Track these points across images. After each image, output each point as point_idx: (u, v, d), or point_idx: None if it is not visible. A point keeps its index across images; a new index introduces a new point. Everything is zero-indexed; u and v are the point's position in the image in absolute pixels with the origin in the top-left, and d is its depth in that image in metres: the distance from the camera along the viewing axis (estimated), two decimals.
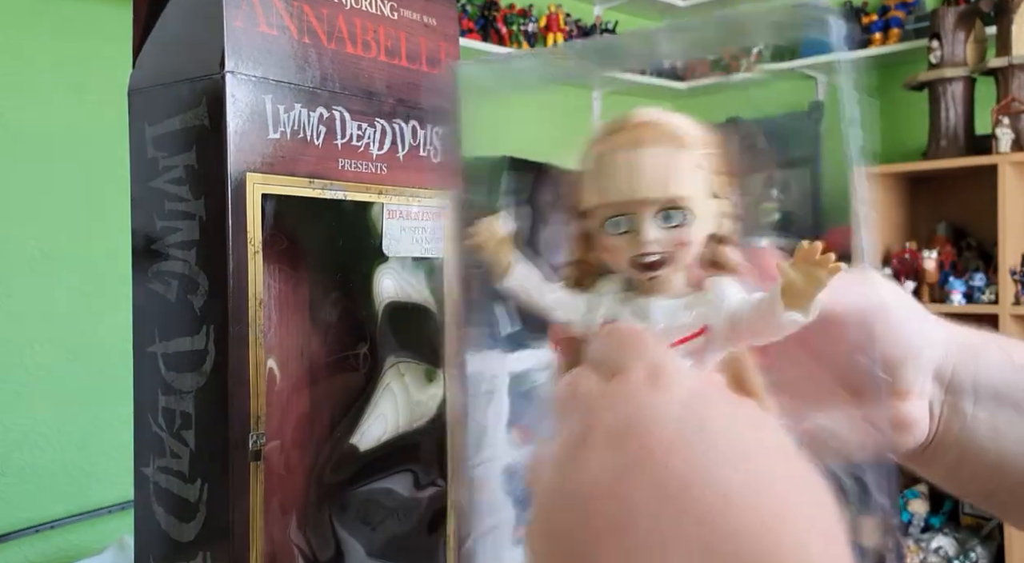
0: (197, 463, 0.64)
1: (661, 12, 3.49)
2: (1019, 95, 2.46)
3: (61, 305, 2.14)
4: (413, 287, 0.76)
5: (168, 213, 0.66)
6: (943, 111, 2.62)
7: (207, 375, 0.63)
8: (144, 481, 0.68)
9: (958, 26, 2.60)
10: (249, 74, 0.63)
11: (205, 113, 0.63)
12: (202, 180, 0.63)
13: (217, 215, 0.62)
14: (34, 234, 2.10)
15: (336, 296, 0.71)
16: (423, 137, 0.76)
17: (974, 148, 2.61)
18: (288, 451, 0.67)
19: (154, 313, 0.67)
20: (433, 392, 0.77)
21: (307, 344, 0.69)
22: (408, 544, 0.75)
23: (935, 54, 2.62)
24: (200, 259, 0.64)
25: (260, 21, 0.64)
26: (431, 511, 0.76)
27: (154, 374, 0.67)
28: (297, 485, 0.67)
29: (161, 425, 0.66)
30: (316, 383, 0.69)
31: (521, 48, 2.94)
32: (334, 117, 0.69)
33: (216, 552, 0.63)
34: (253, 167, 0.63)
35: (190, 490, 0.64)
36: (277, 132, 0.65)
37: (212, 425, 0.63)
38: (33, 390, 2.09)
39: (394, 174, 0.74)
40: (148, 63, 0.69)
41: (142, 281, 0.69)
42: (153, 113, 0.67)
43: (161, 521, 0.67)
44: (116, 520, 2.21)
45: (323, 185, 0.68)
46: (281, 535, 0.66)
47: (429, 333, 0.77)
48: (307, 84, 0.67)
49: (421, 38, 0.77)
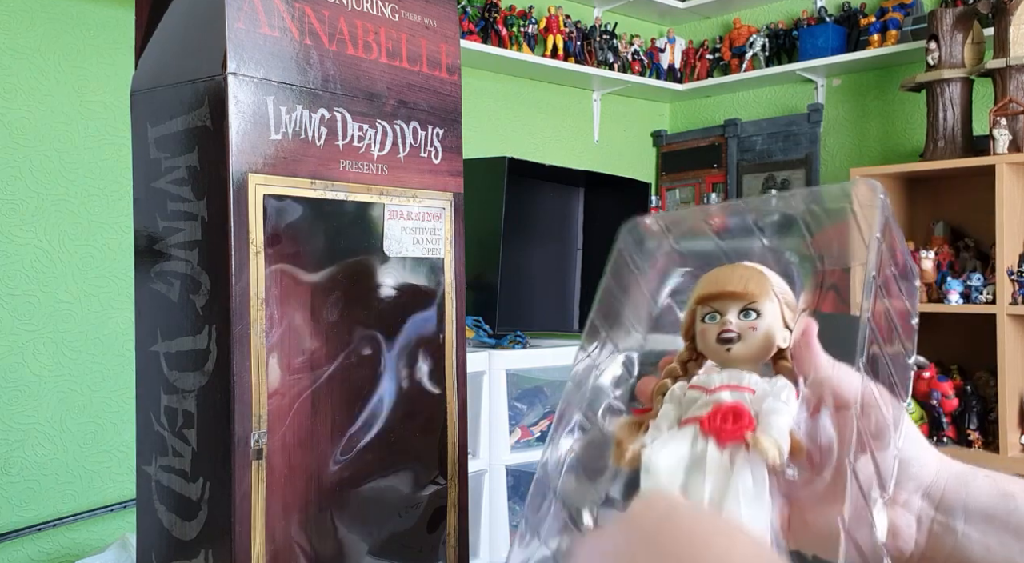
0: (199, 462, 0.64)
1: (661, 14, 3.49)
2: (1016, 96, 2.46)
3: (64, 305, 2.14)
4: (414, 286, 0.77)
5: (170, 213, 0.66)
6: (941, 112, 2.63)
7: (209, 374, 0.64)
8: (146, 480, 0.68)
9: (956, 27, 2.61)
10: (251, 75, 0.64)
11: (207, 114, 0.63)
12: (204, 181, 0.64)
13: (219, 215, 0.63)
14: (36, 234, 2.10)
15: (337, 296, 0.71)
16: (423, 138, 0.77)
17: (972, 149, 2.61)
18: (290, 450, 0.67)
19: (156, 313, 0.68)
20: (435, 391, 0.78)
21: (308, 343, 0.69)
22: (409, 542, 0.76)
23: (933, 55, 2.62)
24: (202, 259, 0.64)
25: (262, 23, 0.65)
26: (431, 509, 0.77)
27: (156, 373, 0.67)
28: (299, 484, 0.68)
29: (163, 424, 0.67)
30: (318, 382, 0.70)
31: (521, 50, 2.95)
32: (335, 118, 0.70)
33: (218, 550, 0.63)
34: (255, 168, 0.64)
35: (192, 489, 0.65)
36: (279, 133, 0.66)
37: (214, 424, 0.63)
38: (36, 389, 2.09)
39: (395, 175, 0.74)
40: (150, 64, 0.69)
41: (144, 281, 0.69)
42: (156, 114, 0.68)
43: (163, 519, 0.67)
44: (118, 518, 2.22)
45: (324, 186, 0.69)
46: (282, 533, 0.66)
47: (431, 334, 0.78)
48: (309, 85, 0.68)
49: (422, 39, 0.77)
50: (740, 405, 0.46)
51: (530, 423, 2.13)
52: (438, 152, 0.78)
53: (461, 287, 0.80)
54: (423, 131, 0.76)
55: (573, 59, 3.12)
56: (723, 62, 3.41)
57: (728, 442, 0.45)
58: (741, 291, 0.49)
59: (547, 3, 3.13)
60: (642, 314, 0.58)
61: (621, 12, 3.45)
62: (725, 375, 0.48)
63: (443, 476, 0.78)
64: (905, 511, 0.50)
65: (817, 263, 0.54)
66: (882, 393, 0.47)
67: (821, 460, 0.46)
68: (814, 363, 0.48)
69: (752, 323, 0.49)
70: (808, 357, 0.48)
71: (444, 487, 0.78)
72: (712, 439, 0.45)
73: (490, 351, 2.00)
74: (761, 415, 0.46)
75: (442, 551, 0.77)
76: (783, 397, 0.47)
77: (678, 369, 0.52)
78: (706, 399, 0.47)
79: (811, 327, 0.49)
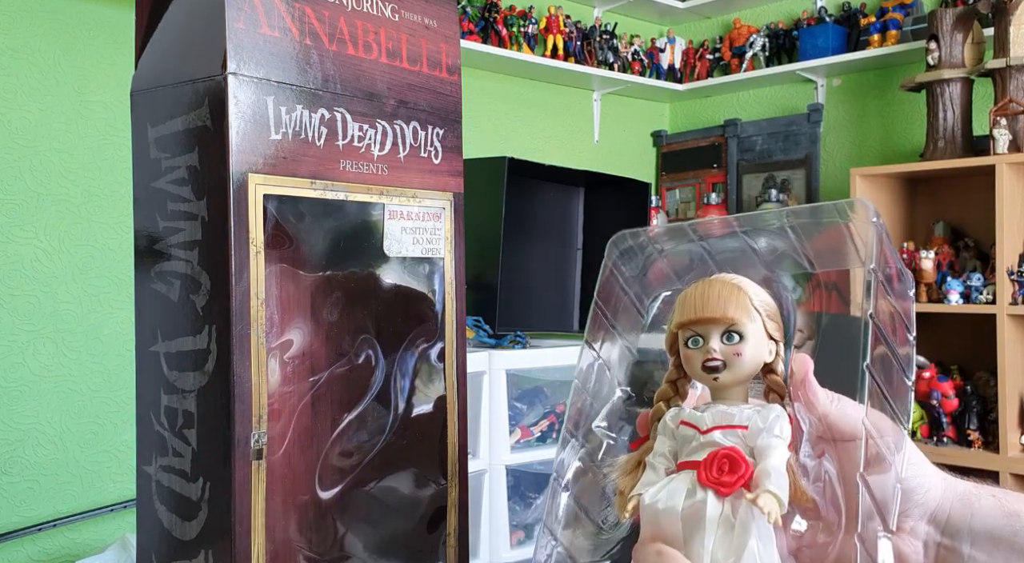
0: (199, 462, 0.64)
1: (661, 14, 3.49)
2: (1016, 96, 2.46)
3: (64, 305, 2.14)
4: (414, 286, 0.77)
5: (170, 213, 0.66)
6: (941, 112, 2.63)
7: (209, 374, 0.64)
8: (146, 479, 0.68)
9: (956, 27, 2.61)
10: (251, 75, 0.64)
11: (207, 114, 0.63)
12: (204, 181, 0.64)
13: (219, 215, 0.63)
14: (36, 234, 2.10)
15: (337, 296, 0.71)
16: (424, 138, 0.77)
17: (972, 149, 2.61)
18: (290, 450, 0.67)
19: (156, 313, 0.68)
20: (435, 391, 0.78)
21: (308, 343, 0.69)
22: (409, 542, 0.76)
23: (933, 55, 2.62)
24: (202, 259, 0.64)
25: (262, 23, 0.65)
26: (431, 509, 0.77)
27: (156, 373, 0.67)
28: (299, 484, 0.68)
29: (163, 424, 0.67)
30: (318, 382, 0.70)
31: (521, 50, 2.95)
32: (335, 118, 0.70)
33: (218, 550, 0.63)
34: (255, 168, 0.64)
35: (192, 489, 0.65)
36: (279, 133, 0.66)
37: (214, 424, 0.63)
38: (36, 389, 2.10)
39: (395, 175, 0.74)
40: (150, 64, 0.69)
41: (144, 281, 0.69)
42: (156, 114, 0.68)
43: (163, 519, 0.67)
44: (118, 518, 2.22)
45: (324, 186, 0.69)
46: (282, 533, 0.66)
47: (431, 334, 0.78)
48: (309, 85, 0.68)
49: (422, 40, 0.77)
50: (734, 451, 0.46)
51: (530, 423, 2.13)
52: (438, 152, 0.78)
53: (461, 287, 0.80)
54: (423, 131, 0.76)
55: (573, 59, 3.12)
56: (723, 62, 3.41)
57: (727, 495, 0.45)
58: (720, 316, 0.48)
59: (547, 3, 3.13)
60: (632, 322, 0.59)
61: (621, 12, 3.45)
62: (716, 413, 0.48)
63: (443, 476, 0.78)
64: (912, 538, 0.51)
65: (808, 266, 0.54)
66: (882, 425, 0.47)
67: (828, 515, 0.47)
68: (813, 401, 0.48)
69: (736, 348, 0.48)
70: (806, 396, 0.49)
71: (444, 487, 0.78)
72: (711, 491, 0.45)
73: (490, 351, 2.00)
74: (756, 453, 0.46)
75: (442, 551, 0.77)
76: (776, 430, 0.47)
77: (669, 390, 0.52)
78: (700, 441, 0.47)
79: (807, 365, 0.49)
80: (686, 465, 0.47)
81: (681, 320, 0.50)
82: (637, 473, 0.49)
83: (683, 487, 0.46)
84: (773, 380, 0.50)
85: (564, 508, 0.55)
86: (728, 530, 0.45)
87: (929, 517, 0.51)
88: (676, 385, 0.52)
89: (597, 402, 0.57)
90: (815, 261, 0.54)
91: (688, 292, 0.50)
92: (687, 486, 0.46)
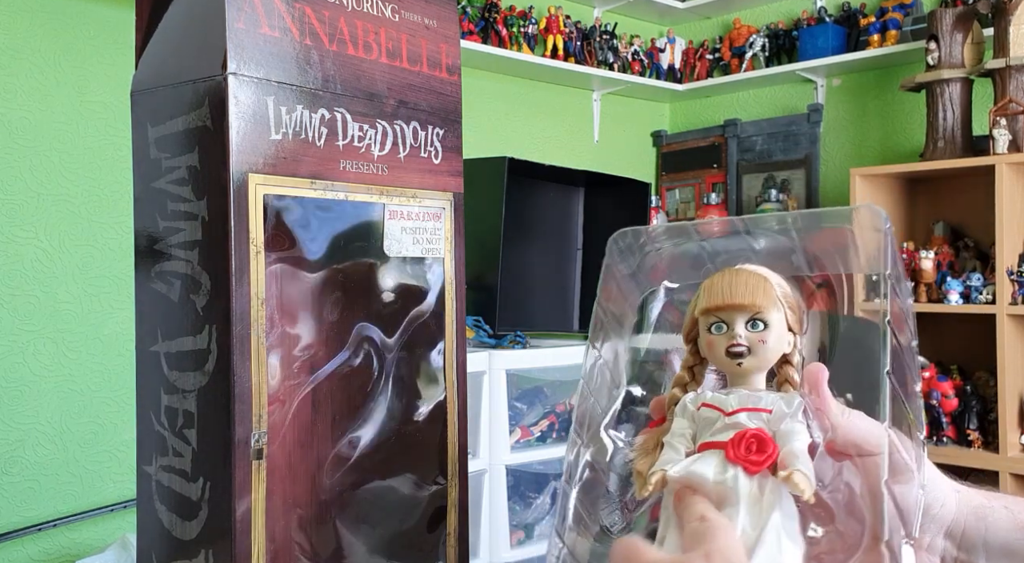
0: (199, 462, 0.65)
1: (661, 14, 3.49)
2: (1016, 96, 2.46)
3: (64, 305, 2.14)
4: (414, 286, 0.77)
5: (171, 213, 0.66)
6: (940, 112, 2.62)
7: (209, 374, 0.64)
8: (147, 479, 0.69)
9: (956, 28, 2.61)
10: (251, 76, 0.64)
11: (208, 114, 0.64)
12: (204, 181, 0.64)
13: (219, 215, 0.63)
14: (36, 234, 2.10)
15: (337, 296, 0.71)
16: (424, 138, 0.77)
17: (972, 149, 2.61)
18: (290, 450, 0.67)
19: (157, 313, 0.68)
20: (435, 391, 0.78)
21: (309, 344, 0.69)
22: (409, 542, 0.76)
23: (932, 55, 2.62)
24: (202, 259, 0.64)
25: (262, 23, 0.65)
26: (431, 509, 0.77)
27: (157, 373, 0.67)
28: (299, 484, 0.68)
29: (164, 424, 0.67)
30: (318, 382, 0.70)
31: (521, 50, 2.95)
32: (335, 118, 0.70)
33: (218, 550, 0.63)
34: (255, 168, 0.64)
35: (192, 488, 0.65)
36: (279, 133, 0.66)
37: (214, 424, 0.63)
38: (36, 389, 2.09)
39: (395, 175, 0.74)
40: (151, 64, 0.69)
41: (145, 281, 0.69)
42: (156, 114, 0.68)
43: (163, 519, 0.67)
44: (119, 518, 2.22)
45: (324, 186, 0.69)
46: (282, 533, 0.66)
47: (431, 334, 0.78)
48: (309, 85, 0.68)
49: (422, 40, 0.77)
50: (762, 433, 0.46)
51: (530, 423, 2.13)
52: (438, 152, 0.78)
53: (461, 287, 0.80)
54: (423, 131, 0.76)
55: (573, 59, 3.12)
56: (723, 62, 3.41)
57: (756, 473, 0.45)
58: (749, 303, 0.49)
59: (547, 3, 3.13)
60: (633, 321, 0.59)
61: (621, 12, 3.45)
62: (741, 396, 0.49)
63: (443, 476, 0.78)
64: (930, 554, 0.51)
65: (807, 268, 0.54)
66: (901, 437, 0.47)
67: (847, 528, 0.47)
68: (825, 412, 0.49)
69: (761, 335, 0.49)
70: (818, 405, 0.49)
71: (444, 487, 0.78)
72: (740, 468, 0.45)
73: (490, 351, 2.00)
74: (780, 437, 0.47)
75: (442, 551, 0.77)
76: (799, 417, 0.48)
77: (685, 376, 0.52)
78: (725, 422, 0.48)
79: (821, 376, 0.49)
80: (709, 445, 0.47)
81: (708, 306, 0.50)
82: (655, 454, 0.49)
83: (709, 465, 0.46)
84: (788, 371, 0.51)
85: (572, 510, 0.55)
86: (754, 505, 0.45)
87: (945, 532, 0.51)
88: (693, 371, 0.52)
89: (602, 403, 0.57)
90: (814, 264, 0.54)
91: (714, 279, 0.51)
92: (714, 464, 0.46)
